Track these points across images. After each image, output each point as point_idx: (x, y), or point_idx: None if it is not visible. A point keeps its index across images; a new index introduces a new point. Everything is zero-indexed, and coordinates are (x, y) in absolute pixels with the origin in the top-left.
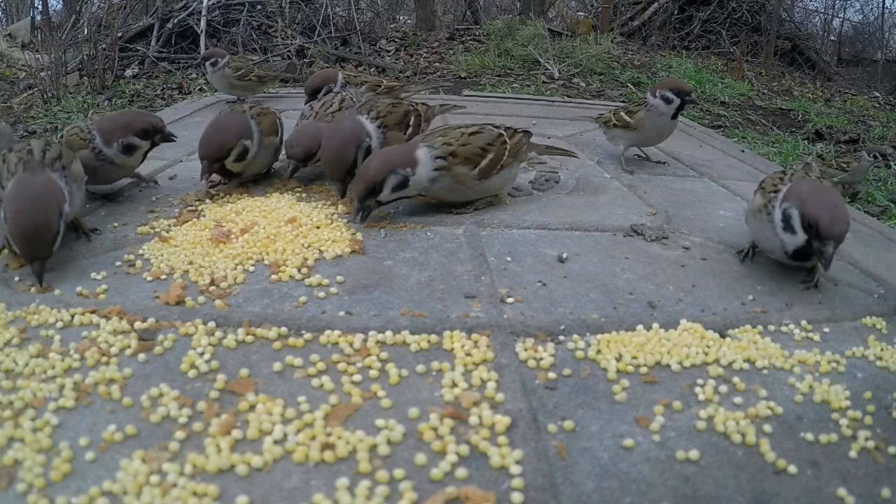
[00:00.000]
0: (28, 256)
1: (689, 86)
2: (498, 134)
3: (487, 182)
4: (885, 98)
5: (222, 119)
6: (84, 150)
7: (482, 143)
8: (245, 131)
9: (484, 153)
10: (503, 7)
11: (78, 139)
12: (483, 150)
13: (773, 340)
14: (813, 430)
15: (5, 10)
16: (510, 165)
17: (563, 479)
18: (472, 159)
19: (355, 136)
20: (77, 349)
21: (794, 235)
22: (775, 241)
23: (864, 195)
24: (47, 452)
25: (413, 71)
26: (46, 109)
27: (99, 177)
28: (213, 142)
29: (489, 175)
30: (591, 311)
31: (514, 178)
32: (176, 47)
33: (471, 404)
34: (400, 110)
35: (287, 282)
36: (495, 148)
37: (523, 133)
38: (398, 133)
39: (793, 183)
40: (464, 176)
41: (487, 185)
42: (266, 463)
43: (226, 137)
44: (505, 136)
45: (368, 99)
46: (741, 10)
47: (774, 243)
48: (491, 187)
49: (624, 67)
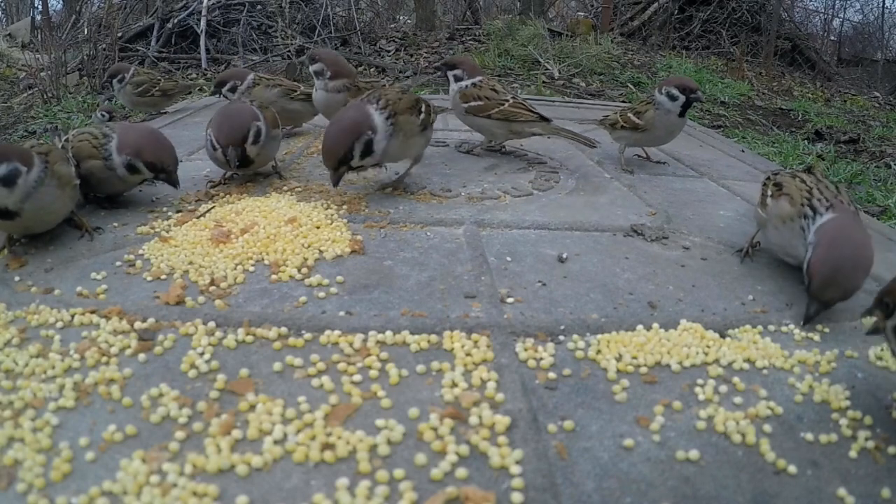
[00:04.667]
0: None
1: (695, 83)
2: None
3: (422, 137)
4: (885, 98)
5: (230, 107)
6: (95, 161)
7: (413, 98)
8: (254, 115)
9: (418, 103)
10: (503, 7)
11: (89, 146)
12: (416, 101)
13: (773, 340)
14: (813, 430)
15: (5, 10)
16: (431, 127)
17: (563, 479)
18: (411, 110)
19: (356, 128)
20: (77, 349)
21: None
22: (801, 251)
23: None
24: (47, 452)
25: (413, 71)
26: (46, 109)
27: (107, 185)
28: (233, 128)
29: (427, 127)
30: (591, 311)
31: (429, 142)
32: (176, 47)
33: (471, 404)
34: (411, 97)
35: (287, 282)
36: (424, 103)
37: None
38: (410, 117)
39: (836, 215)
40: (410, 124)
41: (422, 140)
42: (266, 463)
43: (242, 121)
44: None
45: (378, 88)
46: (741, 10)
47: (800, 253)
48: (424, 142)
49: (624, 67)
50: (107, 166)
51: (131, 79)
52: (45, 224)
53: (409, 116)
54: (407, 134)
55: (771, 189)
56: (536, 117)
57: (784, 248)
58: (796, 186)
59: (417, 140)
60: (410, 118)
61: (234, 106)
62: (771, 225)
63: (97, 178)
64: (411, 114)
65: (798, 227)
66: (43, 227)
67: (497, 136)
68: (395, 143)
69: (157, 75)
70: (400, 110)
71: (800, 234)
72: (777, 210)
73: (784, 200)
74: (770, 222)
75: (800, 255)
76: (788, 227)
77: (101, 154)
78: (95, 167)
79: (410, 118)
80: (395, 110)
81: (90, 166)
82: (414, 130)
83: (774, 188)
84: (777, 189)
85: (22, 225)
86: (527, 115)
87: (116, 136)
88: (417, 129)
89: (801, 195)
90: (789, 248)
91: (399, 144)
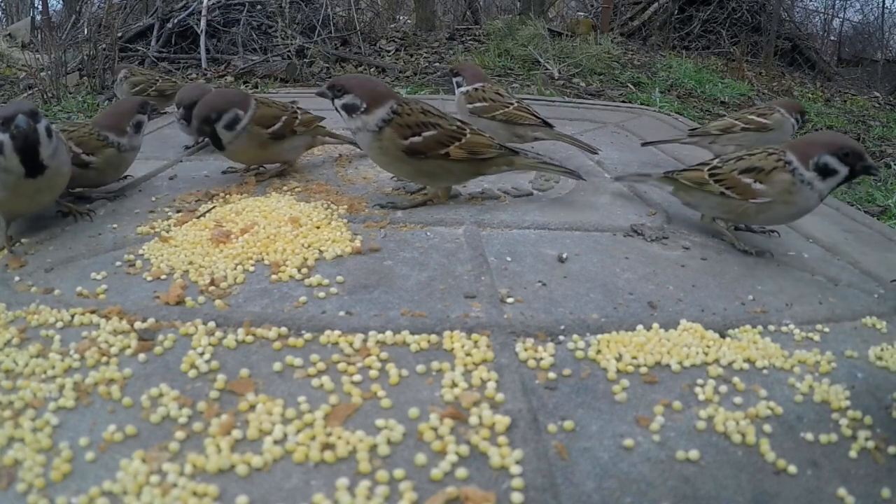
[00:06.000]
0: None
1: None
2: (294, 109)
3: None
4: (885, 98)
5: (225, 89)
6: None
7: (277, 111)
8: (241, 103)
9: (276, 119)
10: (503, 7)
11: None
12: (275, 117)
13: (773, 340)
14: (813, 430)
15: (5, 10)
16: (301, 135)
17: (563, 479)
18: (265, 123)
19: (231, 100)
20: (77, 349)
21: (837, 175)
22: (813, 200)
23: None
24: (47, 452)
25: (413, 71)
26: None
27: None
28: (208, 104)
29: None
30: (591, 311)
31: (299, 149)
32: (176, 47)
33: (471, 404)
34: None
35: (287, 282)
36: (287, 115)
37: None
38: (270, 109)
39: (791, 144)
40: (260, 136)
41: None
42: (266, 463)
43: (220, 101)
44: (298, 112)
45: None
46: (741, 10)
47: (812, 202)
48: (282, 152)
49: (624, 67)
50: (118, 151)
51: (129, 77)
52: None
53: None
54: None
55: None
56: (539, 122)
57: (793, 213)
58: (766, 160)
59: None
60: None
61: (228, 90)
62: (784, 202)
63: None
64: (268, 105)
65: (800, 183)
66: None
67: (499, 138)
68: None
69: (155, 76)
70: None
71: (806, 187)
72: (778, 187)
73: (777, 174)
74: (785, 199)
75: (810, 206)
76: (797, 192)
77: (106, 142)
78: (110, 155)
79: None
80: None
81: (107, 155)
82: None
83: (747, 176)
84: (748, 175)
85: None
86: (530, 119)
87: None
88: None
89: (775, 161)
90: (802, 208)
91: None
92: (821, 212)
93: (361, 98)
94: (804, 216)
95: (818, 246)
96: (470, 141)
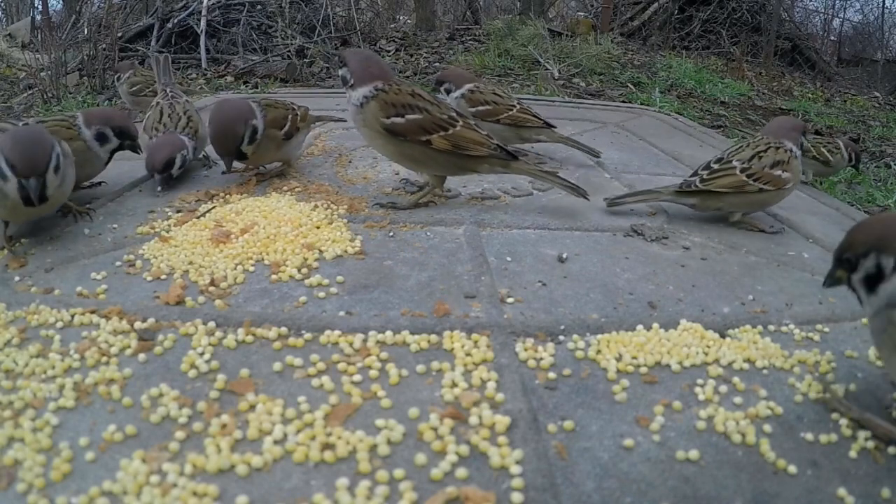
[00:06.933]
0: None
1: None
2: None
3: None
4: (885, 98)
5: (223, 107)
6: (77, 142)
7: (283, 111)
8: (249, 113)
9: (285, 119)
10: (503, 7)
11: (64, 129)
12: (284, 117)
13: (773, 340)
14: (813, 430)
15: (5, 10)
16: (302, 130)
17: (563, 479)
18: (278, 124)
19: (243, 114)
20: (77, 349)
21: (802, 148)
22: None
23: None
24: (47, 452)
25: (413, 71)
26: (46, 109)
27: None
28: (228, 136)
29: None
30: (591, 311)
31: (301, 145)
32: (176, 47)
33: (471, 404)
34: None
35: (287, 282)
36: (290, 112)
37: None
38: (279, 110)
39: (772, 132)
40: (276, 138)
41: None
42: (266, 463)
43: (235, 126)
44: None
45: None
46: (741, 10)
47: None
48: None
49: (624, 67)
50: (87, 146)
51: (129, 78)
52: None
53: (278, 110)
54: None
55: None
56: (543, 123)
57: (795, 179)
58: (755, 146)
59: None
60: (280, 111)
61: (228, 106)
62: (794, 181)
63: (78, 161)
64: (277, 107)
65: (798, 165)
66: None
67: (504, 141)
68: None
69: (154, 76)
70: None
71: (799, 168)
72: (795, 169)
73: (793, 162)
74: (794, 182)
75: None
76: (797, 170)
77: (77, 133)
78: (78, 148)
79: (280, 111)
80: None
81: (74, 147)
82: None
83: (781, 166)
84: (780, 164)
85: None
86: (534, 122)
87: (80, 115)
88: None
89: (765, 144)
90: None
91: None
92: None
93: (351, 72)
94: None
95: (818, 246)
96: (457, 134)
